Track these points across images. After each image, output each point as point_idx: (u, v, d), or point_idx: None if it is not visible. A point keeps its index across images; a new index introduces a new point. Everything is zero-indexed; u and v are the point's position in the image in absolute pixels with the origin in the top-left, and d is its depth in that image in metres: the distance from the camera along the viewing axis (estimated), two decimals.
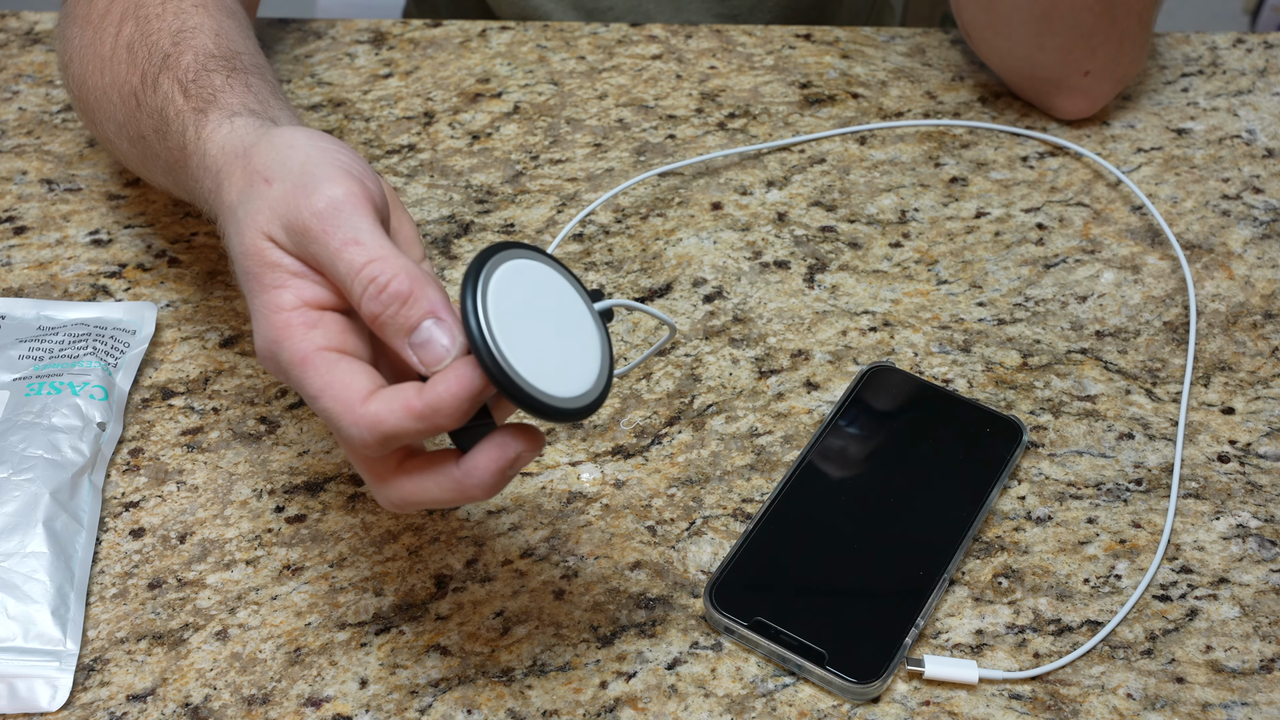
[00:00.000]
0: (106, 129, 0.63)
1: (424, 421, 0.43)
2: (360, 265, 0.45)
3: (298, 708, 0.53)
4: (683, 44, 0.84)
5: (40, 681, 0.53)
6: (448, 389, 0.43)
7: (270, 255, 0.47)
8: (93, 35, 0.63)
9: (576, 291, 0.47)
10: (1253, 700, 0.53)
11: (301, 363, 0.45)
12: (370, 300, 0.45)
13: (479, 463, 0.45)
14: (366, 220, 0.46)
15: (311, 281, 0.47)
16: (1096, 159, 0.75)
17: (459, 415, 0.44)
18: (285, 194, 0.47)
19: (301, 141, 0.49)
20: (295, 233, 0.46)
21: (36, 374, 0.61)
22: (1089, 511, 0.60)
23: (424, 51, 0.83)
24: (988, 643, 0.55)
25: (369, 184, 0.47)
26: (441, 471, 0.45)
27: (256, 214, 0.47)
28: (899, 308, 0.68)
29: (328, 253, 0.45)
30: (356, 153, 0.49)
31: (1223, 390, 0.65)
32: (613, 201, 0.74)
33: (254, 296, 0.47)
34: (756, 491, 0.60)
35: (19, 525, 0.55)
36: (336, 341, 0.46)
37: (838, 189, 0.75)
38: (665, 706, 0.53)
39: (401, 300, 0.44)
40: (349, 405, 0.44)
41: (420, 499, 0.46)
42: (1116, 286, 0.70)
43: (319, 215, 0.45)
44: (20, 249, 0.70)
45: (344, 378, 0.45)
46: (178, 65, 0.57)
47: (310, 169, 0.47)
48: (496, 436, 0.45)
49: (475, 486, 0.45)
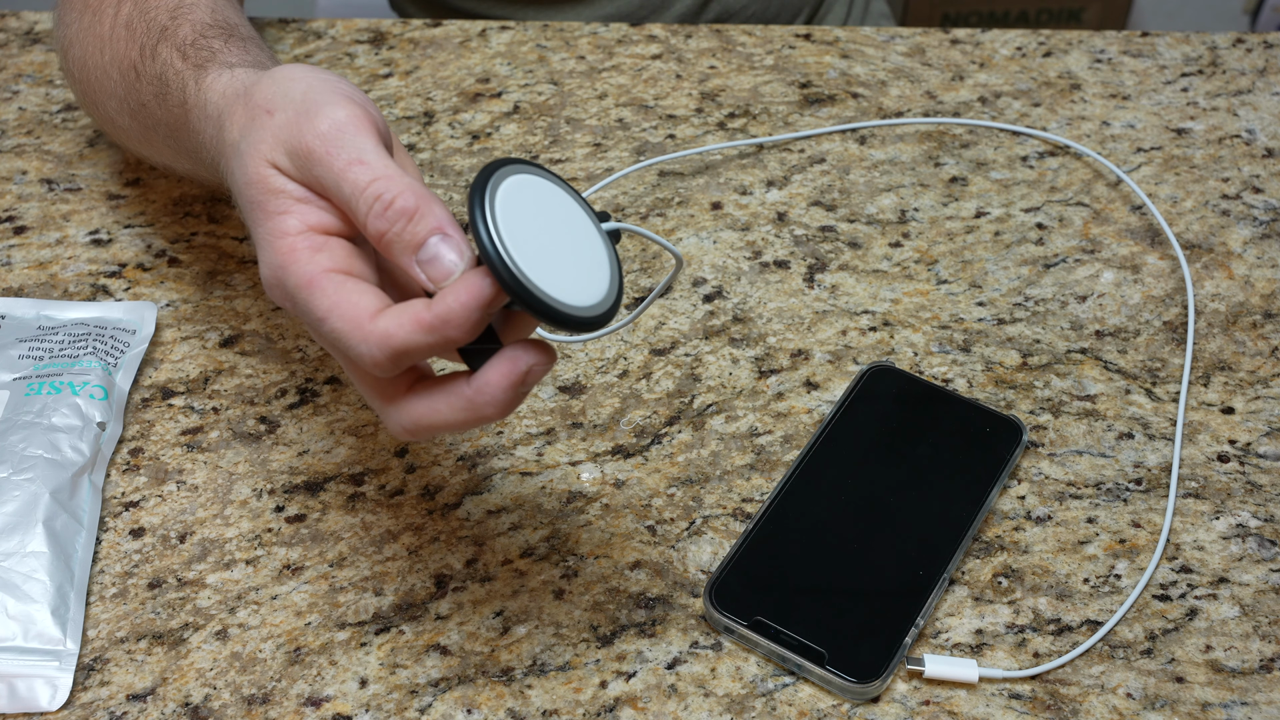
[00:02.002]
0: (108, 107, 0.64)
1: (434, 334, 0.43)
2: (365, 183, 0.44)
3: (298, 707, 0.53)
4: (682, 44, 0.84)
5: (40, 681, 0.53)
6: (457, 299, 0.42)
7: (274, 182, 0.46)
8: (91, 19, 0.63)
9: (583, 209, 0.46)
10: (1252, 700, 0.53)
11: (308, 285, 0.45)
12: (376, 218, 0.44)
13: (490, 378, 0.44)
14: (370, 141, 0.45)
15: (316, 207, 0.46)
16: (1097, 158, 0.75)
17: (469, 327, 0.43)
18: (288, 121, 0.46)
19: (302, 74, 0.48)
20: (299, 157, 0.46)
21: (36, 374, 0.61)
22: (1089, 511, 0.60)
23: (424, 51, 0.83)
24: (987, 642, 0.55)
25: (370, 110, 0.47)
26: (452, 391, 0.45)
27: (259, 143, 0.47)
28: (899, 307, 0.68)
29: (332, 174, 0.45)
30: (357, 86, 0.49)
31: (1222, 390, 0.65)
32: (612, 201, 0.74)
33: (258, 225, 0.47)
34: (756, 491, 0.60)
35: (19, 525, 0.55)
36: (343, 264, 0.45)
37: (837, 189, 0.75)
38: (665, 706, 0.53)
39: (408, 216, 0.44)
40: (357, 323, 0.44)
41: (432, 421, 0.45)
42: (1116, 286, 0.70)
43: (322, 137, 0.45)
44: (20, 249, 0.70)
45: (351, 297, 0.44)
46: (175, 35, 0.57)
47: (312, 95, 0.47)
48: (507, 351, 0.44)
49: (487, 404, 0.44)
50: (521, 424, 0.63)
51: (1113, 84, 0.82)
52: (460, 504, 0.60)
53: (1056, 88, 0.81)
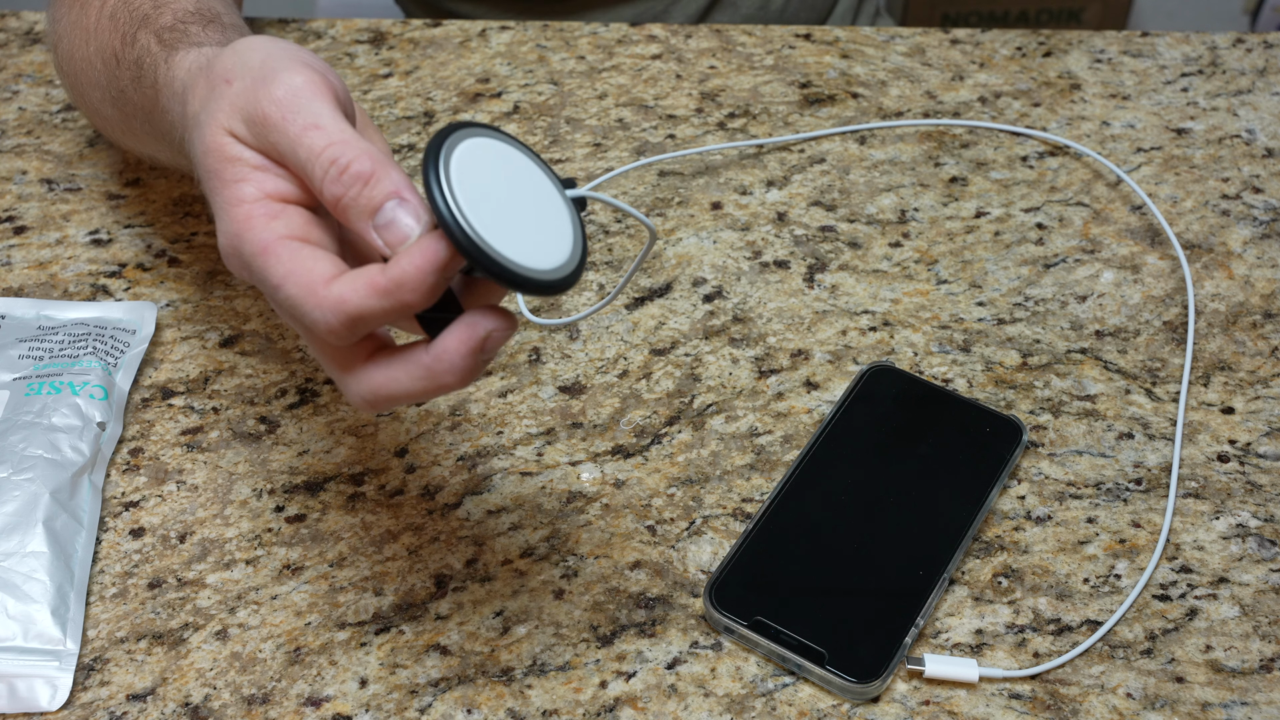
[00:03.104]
0: (93, 97, 0.64)
1: (389, 298, 0.42)
2: (321, 148, 0.44)
3: (298, 707, 0.53)
4: (682, 44, 0.84)
5: (40, 681, 0.53)
6: (411, 261, 0.42)
7: (230, 149, 0.46)
8: (79, 13, 0.64)
9: (545, 175, 0.46)
10: (1252, 700, 0.53)
11: (263, 252, 0.44)
12: (332, 183, 0.44)
13: (448, 345, 0.43)
14: (327, 106, 0.45)
15: (274, 175, 0.46)
16: (1097, 158, 0.75)
17: (425, 291, 0.42)
18: (244, 89, 0.46)
19: (261, 43, 0.48)
20: (255, 123, 0.45)
21: (36, 374, 0.61)
22: (1089, 511, 0.60)
23: (424, 51, 0.83)
24: (987, 642, 0.55)
25: (330, 77, 0.47)
26: (411, 359, 0.44)
27: (217, 112, 0.46)
28: (899, 307, 0.68)
29: (288, 139, 0.44)
30: (319, 56, 0.49)
31: (1222, 390, 0.65)
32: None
33: (215, 194, 0.46)
34: (756, 491, 0.60)
35: (19, 525, 0.55)
36: (300, 231, 0.45)
37: (837, 189, 0.75)
38: (665, 706, 0.53)
39: (363, 181, 0.43)
40: (311, 289, 0.43)
41: (391, 390, 0.45)
42: (1116, 286, 0.70)
43: (278, 103, 0.45)
44: (20, 249, 0.70)
45: (306, 263, 0.44)
46: (156, 22, 0.57)
47: (270, 63, 0.46)
48: (466, 317, 0.43)
49: (446, 371, 0.43)
50: (521, 424, 0.63)
51: (1113, 84, 0.82)
52: (460, 504, 0.60)
53: (1056, 88, 0.81)
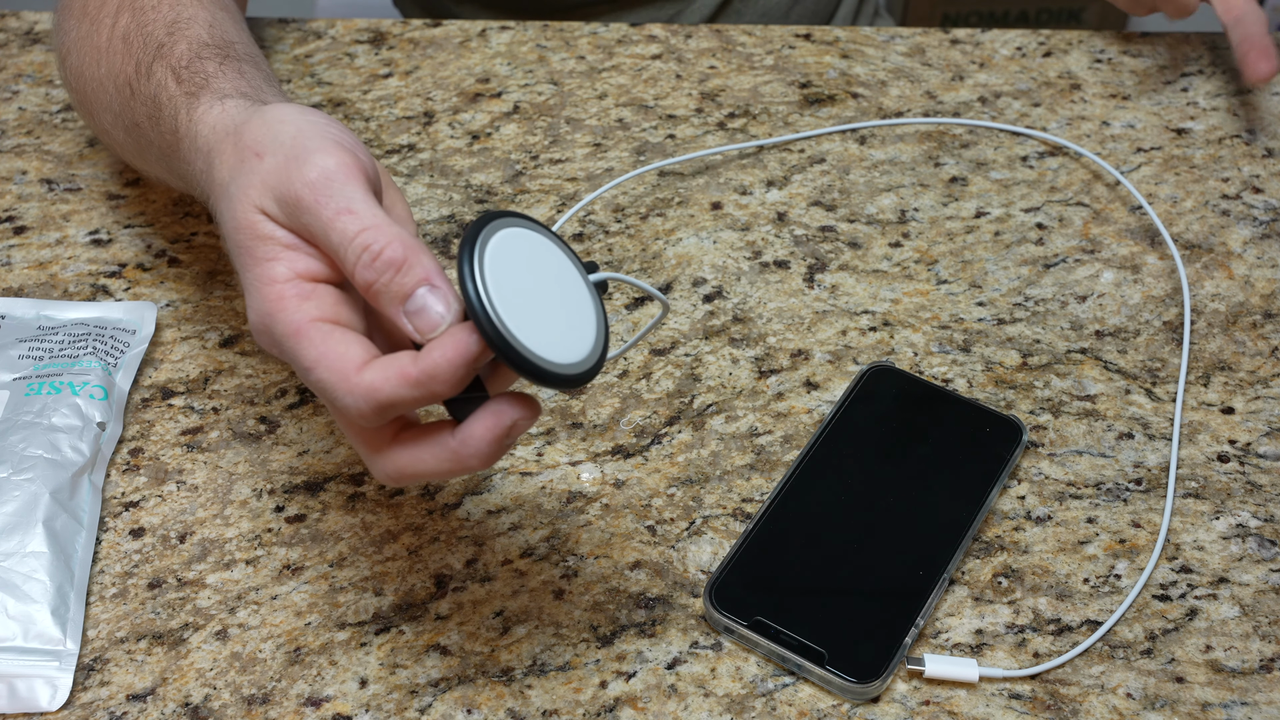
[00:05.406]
0: (103, 119, 0.64)
1: (420, 388, 0.43)
2: (354, 233, 0.44)
3: (297, 707, 0.53)
4: (682, 44, 0.84)
5: (40, 681, 0.53)
6: (443, 354, 0.43)
7: (262, 228, 0.46)
8: (89, 28, 0.63)
9: (571, 262, 0.47)
10: (1252, 700, 0.53)
11: (295, 334, 0.45)
12: (364, 268, 0.44)
13: (475, 431, 0.44)
14: (359, 190, 0.46)
15: (304, 254, 0.46)
16: (1096, 159, 0.75)
17: (455, 382, 0.43)
18: (277, 166, 0.46)
19: (292, 116, 0.48)
20: (287, 204, 0.46)
21: (36, 374, 0.61)
22: (1088, 511, 0.60)
23: (424, 51, 0.83)
24: (987, 642, 0.55)
25: (360, 156, 0.47)
26: (437, 441, 0.45)
27: (248, 188, 0.47)
28: (899, 307, 0.68)
29: (320, 222, 0.45)
30: (347, 128, 0.49)
31: (1222, 390, 0.65)
32: (612, 201, 0.74)
33: (246, 270, 0.47)
34: (756, 491, 0.60)
35: (19, 525, 0.55)
36: (330, 313, 0.46)
37: (837, 189, 0.75)
38: (665, 706, 0.53)
39: (395, 267, 0.44)
40: (344, 374, 0.44)
41: (416, 470, 0.46)
42: (1116, 286, 0.70)
43: (311, 185, 0.45)
44: (20, 249, 0.70)
45: (338, 348, 0.44)
46: (171, 54, 0.57)
47: (302, 141, 0.47)
48: (492, 405, 0.44)
49: (471, 456, 0.44)
50: None
51: (1113, 84, 0.82)
52: (460, 504, 0.60)
53: (1056, 88, 0.81)
